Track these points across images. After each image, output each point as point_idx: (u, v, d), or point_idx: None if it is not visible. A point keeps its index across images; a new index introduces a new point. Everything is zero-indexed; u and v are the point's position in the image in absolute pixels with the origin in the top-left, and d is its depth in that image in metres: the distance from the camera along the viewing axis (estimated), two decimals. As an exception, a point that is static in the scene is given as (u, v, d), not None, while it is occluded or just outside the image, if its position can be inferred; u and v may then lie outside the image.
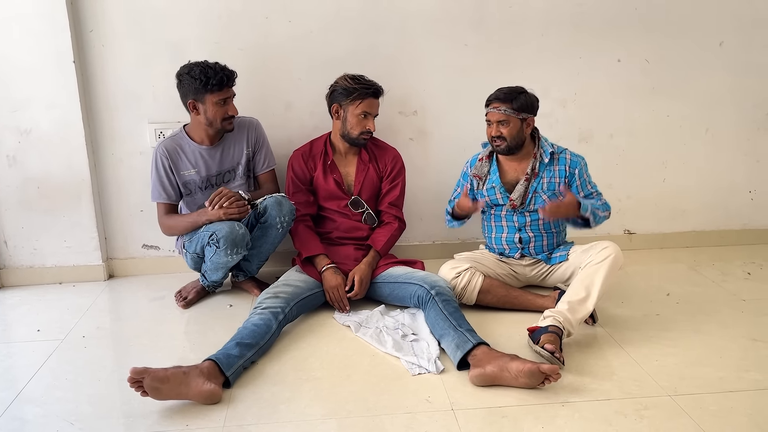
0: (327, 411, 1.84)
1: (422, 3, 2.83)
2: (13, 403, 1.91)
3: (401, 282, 2.43)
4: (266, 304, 2.24)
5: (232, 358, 1.97)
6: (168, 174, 2.54)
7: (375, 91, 2.55)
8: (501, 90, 2.41)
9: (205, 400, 1.85)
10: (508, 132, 2.39)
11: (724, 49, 3.03)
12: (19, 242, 2.84)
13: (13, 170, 2.75)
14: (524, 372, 1.87)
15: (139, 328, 2.44)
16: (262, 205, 2.45)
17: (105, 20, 2.70)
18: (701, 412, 1.80)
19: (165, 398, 1.84)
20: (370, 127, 2.56)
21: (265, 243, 2.53)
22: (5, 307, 2.69)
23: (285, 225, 2.47)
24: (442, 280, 2.36)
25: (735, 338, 2.25)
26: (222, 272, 2.52)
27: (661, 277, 2.85)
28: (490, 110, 2.42)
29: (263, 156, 2.65)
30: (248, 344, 2.05)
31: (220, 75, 2.39)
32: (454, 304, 2.24)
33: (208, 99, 2.43)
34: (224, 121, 2.49)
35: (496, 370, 1.91)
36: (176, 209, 2.63)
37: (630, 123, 3.08)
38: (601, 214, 2.44)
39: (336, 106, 2.57)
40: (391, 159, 2.69)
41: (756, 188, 3.25)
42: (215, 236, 2.35)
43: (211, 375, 1.90)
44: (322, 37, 2.82)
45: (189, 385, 1.84)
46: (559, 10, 2.90)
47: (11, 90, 2.67)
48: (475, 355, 1.99)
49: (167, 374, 1.83)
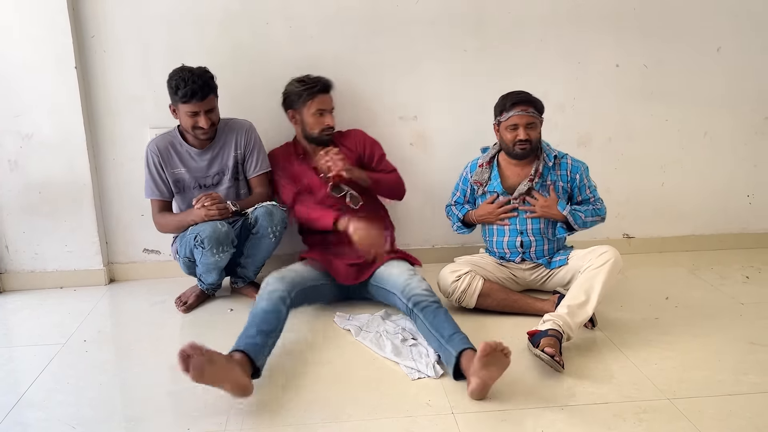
0: (327, 415, 1.84)
1: (422, 8, 2.84)
2: (15, 408, 1.91)
3: (386, 290, 2.43)
4: (272, 286, 2.24)
5: (258, 347, 1.98)
6: (159, 171, 2.57)
7: (323, 86, 2.56)
8: (521, 93, 2.41)
9: (240, 392, 1.84)
10: (535, 135, 2.41)
11: (721, 54, 3.05)
12: (21, 247, 2.85)
13: (14, 175, 2.76)
14: (480, 365, 1.83)
15: (140, 332, 2.45)
16: (253, 215, 2.45)
17: (106, 25, 2.72)
18: (700, 415, 1.81)
19: (203, 381, 1.80)
20: (328, 123, 2.58)
21: (259, 252, 2.54)
22: (6, 311, 2.69)
23: (277, 234, 2.48)
24: (418, 284, 2.32)
25: (734, 342, 2.26)
26: (215, 273, 2.53)
27: (660, 280, 2.86)
28: (517, 113, 2.38)
29: (255, 159, 2.64)
30: (267, 331, 2.05)
31: (189, 88, 2.36)
32: (432, 308, 2.20)
33: (180, 108, 2.45)
34: (195, 130, 2.48)
35: (477, 379, 1.86)
36: (169, 206, 2.65)
37: (628, 127, 3.10)
38: (586, 218, 2.47)
39: (291, 112, 2.61)
40: (358, 141, 2.70)
41: (754, 192, 3.26)
42: (199, 237, 2.36)
43: (246, 369, 1.90)
44: (322, 42, 2.83)
45: (229, 373, 1.83)
46: (557, 15, 2.91)
47: (13, 95, 2.69)
48: (463, 367, 1.95)
49: (215, 357, 1.82)
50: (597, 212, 2.52)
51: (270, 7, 2.78)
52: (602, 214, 2.53)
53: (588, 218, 2.49)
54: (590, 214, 2.49)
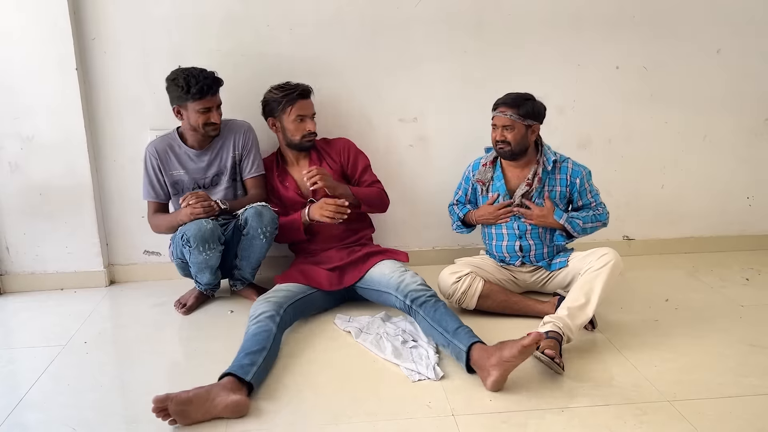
0: (328, 417, 1.84)
1: (422, 10, 2.84)
2: (16, 409, 1.91)
3: (380, 291, 2.43)
4: (260, 310, 2.23)
5: (246, 366, 1.95)
6: (156, 173, 2.58)
7: (302, 92, 2.56)
8: (509, 95, 2.44)
9: (232, 412, 1.83)
10: (512, 137, 2.41)
11: (721, 56, 3.05)
12: (21, 248, 2.85)
13: (15, 176, 2.76)
14: (516, 354, 1.89)
15: (140, 333, 2.45)
16: (243, 216, 2.45)
17: (107, 28, 2.72)
18: (700, 417, 1.81)
19: (193, 420, 1.79)
20: (309, 128, 2.58)
21: (251, 253, 2.53)
22: (7, 313, 2.70)
23: (268, 235, 2.47)
24: (412, 281, 2.34)
25: (734, 344, 2.26)
26: (208, 273, 2.52)
27: (660, 282, 2.86)
28: (496, 114, 2.43)
29: (251, 160, 2.65)
30: (256, 350, 2.03)
31: (202, 84, 2.41)
32: (431, 302, 2.23)
33: (190, 106, 2.46)
34: (206, 127, 2.51)
35: (499, 369, 1.91)
36: (165, 208, 2.67)
37: (628, 129, 3.10)
38: (585, 225, 2.47)
39: (271, 120, 2.62)
40: (341, 149, 2.70)
41: (754, 194, 3.27)
42: (185, 236, 2.38)
43: (234, 387, 1.88)
44: (323, 45, 2.84)
45: (214, 401, 1.82)
46: (557, 17, 2.92)
47: (14, 97, 2.69)
48: (474, 360, 2.00)
49: (190, 396, 1.81)
50: (597, 218, 2.51)
51: (271, 9, 2.78)
52: (603, 220, 2.52)
53: (587, 224, 2.48)
54: (590, 219, 2.49)
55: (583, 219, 2.48)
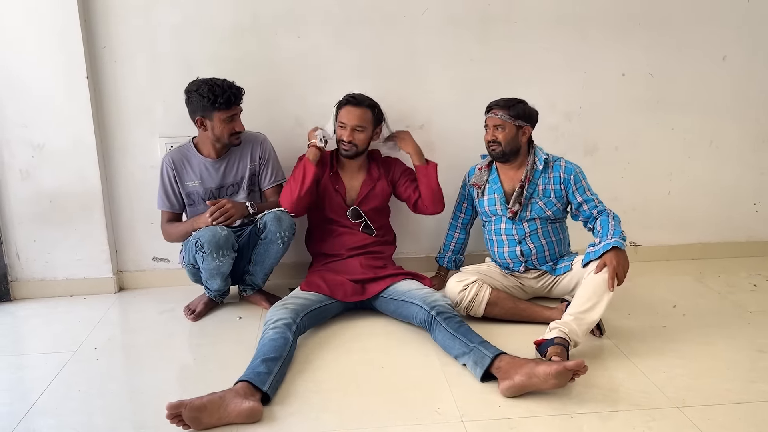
0: (336, 423, 1.85)
1: (428, 18, 2.87)
2: (27, 415, 1.93)
3: (404, 301, 2.42)
4: (277, 316, 2.24)
5: (263, 375, 1.96)
6: (172, 184, 2.61)
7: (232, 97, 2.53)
8: (501, 98, 2.51)
9: (246, 418, 1.83)
10: (503, 137, 2.44)
11: (727, 62, 3.06)
12: (31, 255, 2.87)
13: (26, 184, 2.79)
14: (552, 374, 1.88)
15: (150, 340, 2.46)
16: (262, 221, 2.48)
17: (117, 37, 2.75)
18: (709, 423, 1.81)
19: (206, 427, 1.81)
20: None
21: (267, 258, 2.56)
22: (18, 319, 2.72)
23: (286, 240, 2.50)
24: (441, 298, 2.37)
25: (742, 350, 2.26)
26: (219, 279, 2.54)
27: (667, 288, 2.86)
28: (488, 115, 2.50)
29: (269, 171, 2.68)
30: (273, 358, 2.04)
31: (228, 93, 2.45)
32: (456, 319, 2.25)
33: (215, 116, 2.48)
34: (231, 137, 2.54)
35: (524, 379, 1.92)
36: (179, 218, 2.70)
37: (635, 136, 3.11)
38: (622, 233, 2.36)
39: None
40: (395, 166, 2.79)
41: (761, 200, 3.26)
42: (199, 242, 2.39)
43: (248, 393, 1.88)
44: (330, 53, 2.86)
45: (227, 407, 1.83)
46: (563, 25, 2.93)
47: (25, 105, 2.72)
48: (499, 367, 1.99)
49: (203, 402, 1.82)
50: (616, 219, 2.42)
51: (279, 17, 2.80)
52: (618, 218, 2.44)
53: (620, 230, 2.37)
54: (616, 225, 2.39)
55: (615, 230, 2.34)
